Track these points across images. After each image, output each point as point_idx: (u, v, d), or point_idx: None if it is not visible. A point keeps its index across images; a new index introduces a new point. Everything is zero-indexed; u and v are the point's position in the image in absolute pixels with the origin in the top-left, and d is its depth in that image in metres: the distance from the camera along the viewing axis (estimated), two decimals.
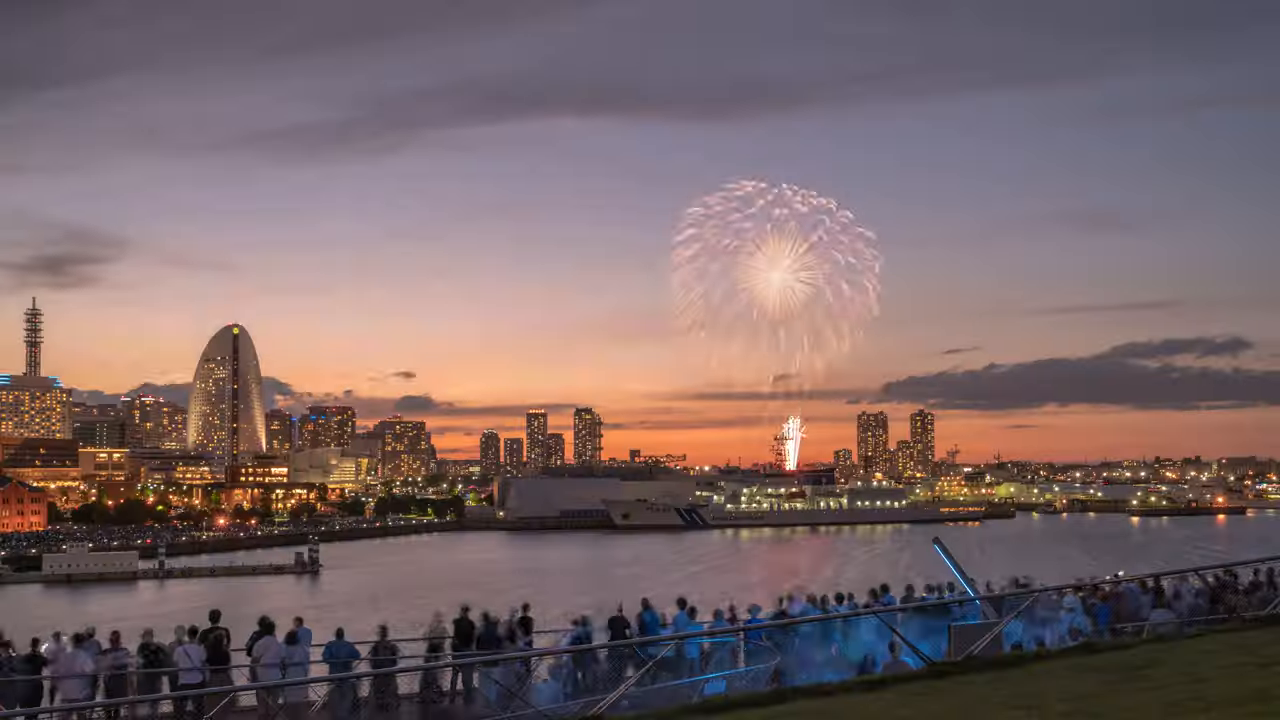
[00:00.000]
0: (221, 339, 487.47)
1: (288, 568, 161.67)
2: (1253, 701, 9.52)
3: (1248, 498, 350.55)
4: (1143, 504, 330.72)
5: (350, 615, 77.16)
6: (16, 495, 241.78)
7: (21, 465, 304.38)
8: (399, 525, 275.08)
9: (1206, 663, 12.34)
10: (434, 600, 66.12)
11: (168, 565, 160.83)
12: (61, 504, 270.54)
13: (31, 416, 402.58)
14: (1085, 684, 11.72)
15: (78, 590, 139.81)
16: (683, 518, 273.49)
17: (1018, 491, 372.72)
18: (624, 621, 23.02)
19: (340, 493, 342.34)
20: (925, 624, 19.40)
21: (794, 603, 24.47)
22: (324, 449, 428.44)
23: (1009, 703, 10.90)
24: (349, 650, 21.86)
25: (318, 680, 20.02)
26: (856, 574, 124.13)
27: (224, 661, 20.80)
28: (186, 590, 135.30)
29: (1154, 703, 10.00)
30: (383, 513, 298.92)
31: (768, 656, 19.13)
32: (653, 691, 17.62)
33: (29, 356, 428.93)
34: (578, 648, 20.92)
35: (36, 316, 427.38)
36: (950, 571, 23.97)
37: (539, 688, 18.33)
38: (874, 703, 12.05)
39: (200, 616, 22.68)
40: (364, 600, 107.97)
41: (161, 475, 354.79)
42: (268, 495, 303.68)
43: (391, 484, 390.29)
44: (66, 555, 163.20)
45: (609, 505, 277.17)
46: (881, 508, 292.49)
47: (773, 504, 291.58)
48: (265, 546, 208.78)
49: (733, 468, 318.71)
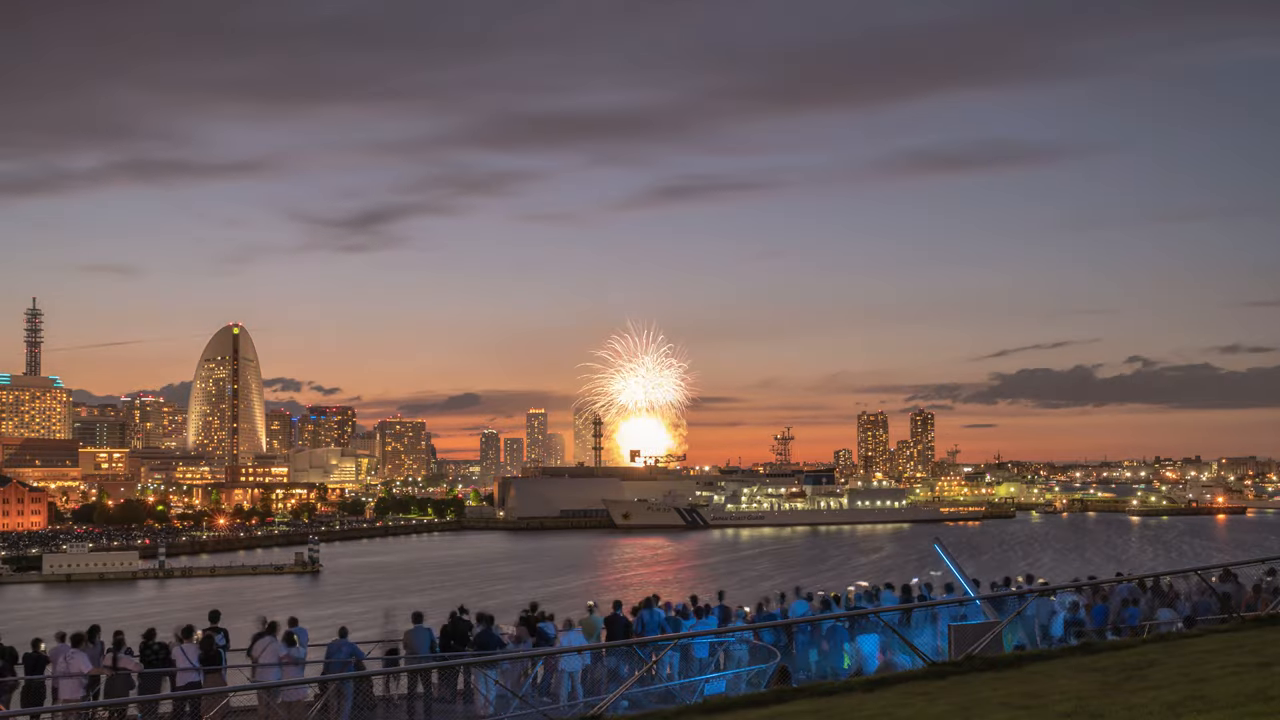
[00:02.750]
0: (221, 339, 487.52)
1: (288, 568, 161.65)
2: (1253, 701, 9.51)
3: (1248, 497, 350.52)
4: (1143, 504, 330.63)
5: (350, 615, 77.21)
6: (16, 495, 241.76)
7: (21, 465, 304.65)
8: (399, 525, 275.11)
9: (1206, 663, 12.33)
10: (433, 600, 66.21)
11: (168, 565, 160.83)
12: (61, 504, 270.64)
13: (31, 416, 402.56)
14: (1085, 684, 11.72)
15: (78, 590, 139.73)
16: (683, 518, 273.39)
17: (1018, 491, 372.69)
18: (623, 621, 23.00)
19: (340, 493, 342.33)
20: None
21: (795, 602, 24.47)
22: (324, 449, 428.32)
23: (1009, 703, 10.89)
24: (350, 649, 21.83)
25: (311, 681, 20.03)
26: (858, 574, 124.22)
27: (215, 662, 20.80)
28: (187, 590, 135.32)
29: (1154, 703, 9.99)
30: (383, 513, 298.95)
31: (767, 656, 19.11)
32: (653, 692, 17.62)
33: (29, 357, 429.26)
34: (578, 648, 20.92)
35: (36, 317, 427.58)
36: (951, 572, 23.94)
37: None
38: (874, 702, 12.04)
39: (200, 617, 22.67)
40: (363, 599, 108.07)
41: (161, 475, 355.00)
42: (268, 495, 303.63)
43: (391, 484, 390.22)
44: (66, 555, 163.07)
45: (609, 505, 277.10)
46: (881, 508, 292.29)
47: (773, 504, 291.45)
48: (265, 546, 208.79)
49: (733, 468, 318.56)
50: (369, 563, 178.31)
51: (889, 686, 13.12)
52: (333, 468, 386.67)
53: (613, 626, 22.78)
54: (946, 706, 11.17)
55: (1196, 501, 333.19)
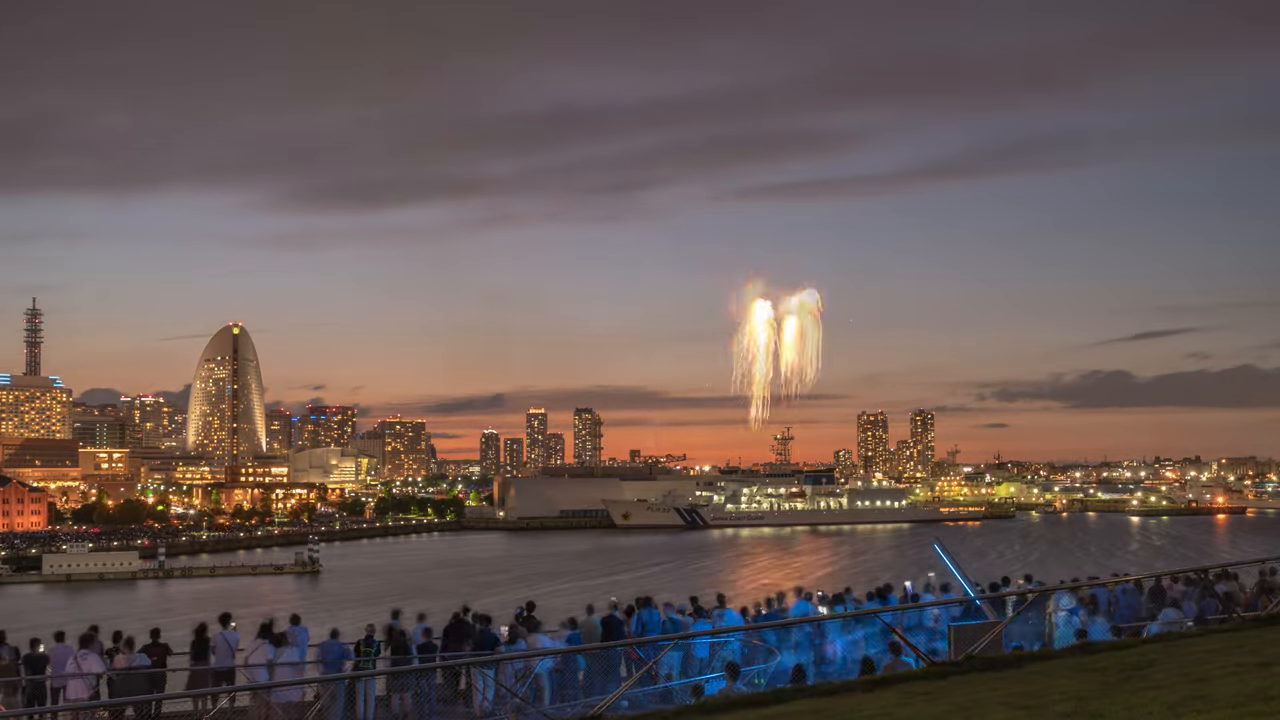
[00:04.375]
0: (221, 339, 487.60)
1: (288, 568, 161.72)
2: (1253, 701, 9.49)
3: (1248, 497, 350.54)
4: (1143, 504, 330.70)
5: (350, 615, 77.20)
6: (16, 495, 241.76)
7: (21, 465, 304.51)
8: (399, 525, 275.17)
9: (1206, 663, 12.31)
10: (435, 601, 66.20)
11: (167, 565, 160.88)
12: (61, 504, 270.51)
13: (31, 416, 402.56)
14: (1085, 684, 11.70)
15: (78, 590, 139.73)
16: (683, 518, 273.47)
17: (1018, 491, 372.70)
18: (619, 622, 22.96)
19: (340, 493, 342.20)
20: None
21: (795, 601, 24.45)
22: (324, 449, 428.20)
23: (1009, 703, 10.87)
24: (340, 650, 21.83)
25: (305, 681, 20.03)
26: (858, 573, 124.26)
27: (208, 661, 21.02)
28: (187, 591, 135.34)
29: (1154, 703, 9.97)
30: (383, 513, 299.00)
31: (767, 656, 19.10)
32: (652, 692, 17.60)
33: (29, 357, 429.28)
34: (577, 648, 20.89)
35: (36, 317, 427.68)
36: (950, 572, 23.93)
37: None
38: (874, 702, 12.03)
39: (199, 618, 22.69)
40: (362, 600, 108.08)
41: (161, 475, 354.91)
42: (268, 495, 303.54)
43: (391, 484, 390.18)
44: (66, 555, 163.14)
45: (609, 505, 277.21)
46: (881, 508, 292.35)
47: (773, 504, 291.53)
48: (265, 546, 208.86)
49: (733, 468, 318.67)
50: (368, 564, 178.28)
51: (889, 686, 13.11)
52: (333, 468, 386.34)
53: (608, 628, 22.76)
54: (946, 706, 11.16)
55: (1196, 501, 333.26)
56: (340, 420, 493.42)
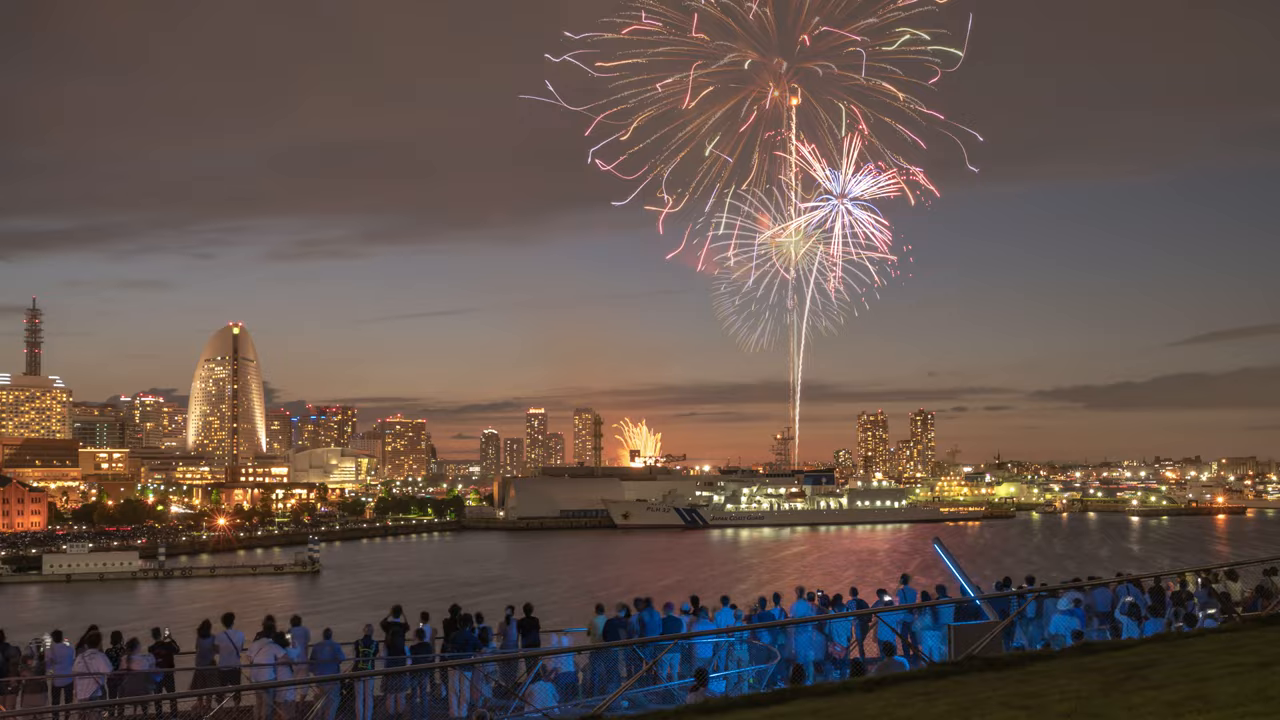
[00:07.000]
0: (222, 339, 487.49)
1: (288, 568, 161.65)
2: (1253, 701, 9.50)
3: (1248, 498, 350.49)
4: (1143, 504, 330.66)
5: (350, 615, 77.20)
6: (16, 495, 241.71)
7: (21, 465, 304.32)
8: (399, 525, 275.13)
9: (1206, 663, 12.32)
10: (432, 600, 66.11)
11: (167, 565, 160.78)
12: (61, 504, 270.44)
13: (31, 416, 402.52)
14: (1085, 684, 11.71)
15: (78, 590, 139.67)
16: (683, 518, 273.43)
17: (1018, 492, 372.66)
18: (620, 623, 22.98)
19: (340, 493, 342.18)
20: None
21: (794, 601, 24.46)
22: (324, 449, 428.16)
23: (1009, 703, 10.88)
24: (334, 650, 21.84)
25: (306, 681, 20.04)
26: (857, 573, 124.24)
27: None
28: (187, 591, 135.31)
29: (1154, 703, 9.98)
30: (383, 513, 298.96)
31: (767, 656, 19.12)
32: (652, 692, 17.61)
33: (29, 357, 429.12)
34: (577, 648, 20.92)
35: (36, 317, 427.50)
36: (950, 572, 23.94)
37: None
38: (874, 702, 12.03)
39: (199, 617, 22.72)
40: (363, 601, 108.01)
41: (161, 475, 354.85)
42: (268, 495, 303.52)
43: (391, 484, 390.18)
44: (66, 555, 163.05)
45: (609, 505, 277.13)
46: (881, 508, 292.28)
47: (773, 504, 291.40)
48: (265, 546, 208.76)
49: (733, 468, 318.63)
50: (367, 563, 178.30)
51: (889, 687, 13.12)
52: (333, 468, 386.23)
53: (608, 628, 22.78)
54: (946, 706, 11.17)
55: (1196, 501, 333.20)
56: (340, 420, 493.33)
